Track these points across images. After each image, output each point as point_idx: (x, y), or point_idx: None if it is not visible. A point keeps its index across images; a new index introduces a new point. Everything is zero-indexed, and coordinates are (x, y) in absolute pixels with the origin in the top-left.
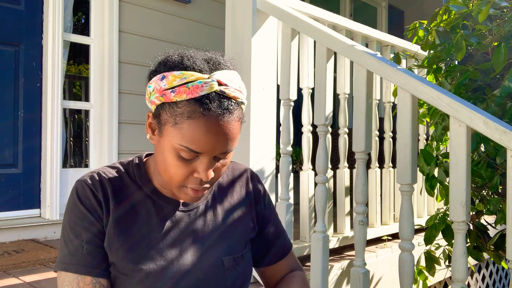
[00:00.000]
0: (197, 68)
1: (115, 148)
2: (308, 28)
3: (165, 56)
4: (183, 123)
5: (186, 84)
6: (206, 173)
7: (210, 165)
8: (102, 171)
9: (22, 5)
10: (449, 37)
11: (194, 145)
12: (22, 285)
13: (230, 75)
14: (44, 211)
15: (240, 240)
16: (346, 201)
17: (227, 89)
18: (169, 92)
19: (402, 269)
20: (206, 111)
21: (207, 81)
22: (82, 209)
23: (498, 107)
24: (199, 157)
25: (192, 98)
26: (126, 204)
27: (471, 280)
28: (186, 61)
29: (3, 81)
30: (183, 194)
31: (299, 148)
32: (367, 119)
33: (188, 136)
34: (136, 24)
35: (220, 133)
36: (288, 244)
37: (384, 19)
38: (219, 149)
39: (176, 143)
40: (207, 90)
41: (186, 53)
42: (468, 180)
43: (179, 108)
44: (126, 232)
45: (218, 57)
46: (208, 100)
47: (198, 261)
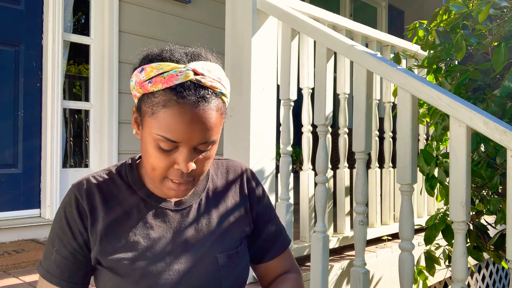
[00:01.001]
0: (174, 59)
1: (115, 148)
2: (308, 28)
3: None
4: (159, 112)
5: (162, 74)
6: (185, 164)
7: (190, 156)
8: (93, 176)
9: (22, 5)
10: (449, 37)
11: (170, 133)
12: (22, 285)
13: (209, 65)
14: (44, 211)
15: (234, 237)
16: (346, 201)
17: (203, 79)
18: (147, 83)
19: (402, 269)
20: (180, 99)
21: (182, 70)
22: (62, 219)
23: (498, 107)
24: (179, 148)
25: (168, 87)
26: (117, 208)
27: (471, 280)
28: (164, 53)
29: (3, 81)
30: (166, 188)
31: (299, 148)
32: (367, 119)
33: (164, 125)
34: (136, 24)
35: (195, 121)
36: (284, 241)
37: (384, 19)
38: (196, 138)
39: (154, 133)
40: (182, 79)
41: (167, 47)
42: (468, 180)
43: (155, 98)
44: (118, 235)
45: (201, 50)
46: (183, 88)
47: (192, 259)
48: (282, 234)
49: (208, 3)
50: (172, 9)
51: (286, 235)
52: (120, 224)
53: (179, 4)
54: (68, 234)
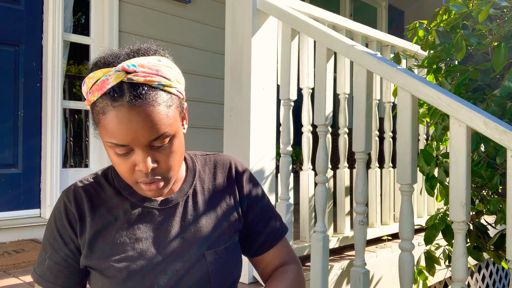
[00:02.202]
0: (107, 63)
1: None
2: (308, 28)
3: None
4: (101, 120)
5: (96, 82)
6: (144, 164)
7: (145, 154)
8: (80, 181)
9: (22, 5)
10: (449, 37)
11: (115, 138)
12: (22, 285)
13: (143, 60)
14: (44, 211)
15: (223, 233)
16: (346, 201)
17: (135, 76)
18: (88, 94)
19: (402, 269)
20: (114, 102)
21: (111, 73)
22: (53, 225)
23: (498, 107)
24: (134, 149)
25: (103, 93)
26: (104, 211)
27: (471, 280)
28: (99, 60)
29: (3, 81)
30: (142, 191)
31: (299, 148)
32: (367, 119)
33: (107, 131)
34: (136, 24)
35: (134, 120)
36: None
37: (384, 19)
38: (143, 136)
39: (105, 141)
40: (114, 81)
41: (104, 52)
42: (468, 180)
43: (97, 107)
44: (106, 238)
45: (141, 46)
46: (115, 91)
47: (179, 258)
48: (277, 222)
49: (208, 3)
50: (172, 9)
51: (281, 224)
52: (107, 227)
53: (179, 4)
54: (59, 240)
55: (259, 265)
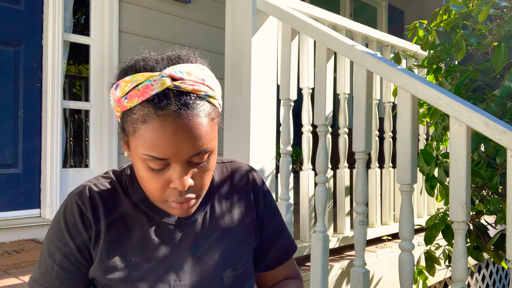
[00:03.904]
0: (149, 67)
1: (115, 148)
2: (308, 28)
3: (122, 64)
4: (140, 130)
5: (136, 86)
6: (181, 181)
7: (184, 171)
8: (94, 184)
9: (22, 5)
10: (449, 37)
11: (156, 151)
12: (22, 285)
13: (189, 67)
14: (44, 211)
15: (242, 253)
16: (346, 201)
17: (182, 83)
18: (123, 99)
19: (402, 269)
20: (159, 110)
21: (157, 78)
22: (63, 229)
23: (498, 107)
24: (170, 164)
25: (144, 100)
26: (119, 222)
27: (471, 280)
28: (137, 63)
29: (3, 81)
30: (170, 209)
31: (299, 148)
32: (367, 119)
33: (147, 142)
34: (136, 24)
35: (180, 132)
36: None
37: (384, 19)
38: (186, 151)
39: (140, 153)
40: (159, 88)
41: (140, 55)
42: (468, 180)
43: (134, 114)
44: (120, 252)
45: (181, 52)
46: (160, 98)
47: (196, 280)
48: (288, 239)
49: (208, 3)
50: (172, 9)
51: (291, 241)
52: (121, 240)
53: (179, 4)
54: (72, 246)
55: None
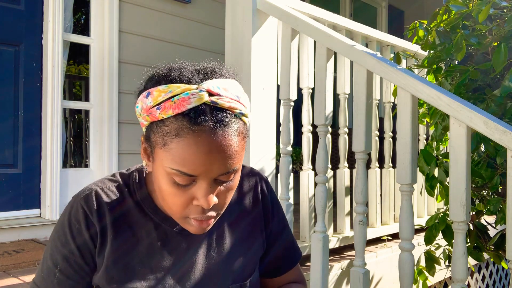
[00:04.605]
0: (185, 79)
1: (115, 148)
2: (308, 28)
3: (153, 70)
4: (171, 143)
5: (171, 98)
6: (206, 199)
7: (210, 189)
8: (101, 188)
9: (22, 5)
10: (449, 37)
11: (186, 167)
12: (22, 285)
13: (225, 83)
14: (44, 211)
15: (249, 264)
16: (346, 201)
17: (220, 99)
18: (155, 109)
19: (402, 269)
20: (195, 126)
21: (195, 92)
22: (67, 233)
23: (498, 107)
24: (196, 181)
25: (179, 113)
26: (126, 229)
27: (471, 280)
28: (173, 73)
29: (3, 81)
30: (188, 226)
31: (299, 148)
32: (367, 119)
33: (178, 157)
34: (136, 24)
35: (214, 150)
36: (296, 255)
37: (384, 19)
38: (217, 169)
39: (168, 167)
40: (196, 102)
41: (175, 64)
42: (468, 180)
43: (166, 126)
44: (124, 260)
45: (214, 65)
46: (197, 113)
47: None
48: (295, 246)
49: (208, 3)
50: (172, 9)
51: (297, 249)
52: (128, 248)
53: (179, 4)
54: (76, 252)
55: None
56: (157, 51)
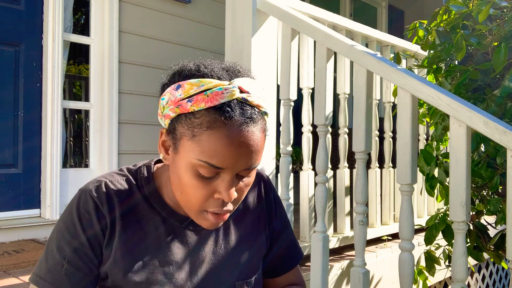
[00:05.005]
0: (215, 76)
1: (115, 148)
2: (308, 28)
3: (180, 66)
4: (202, 135)
5: (204, 91)
6: (228, 193)
7: (233, 183)
8: (110, 180)
9: (22, 5)
10: (449, 37)
11: (215, 159)
12: (22, 285)
13: (251, 83)
14: (44, 211)
15: (254, 262)
16: (346, 201)
17: (249, 97)
18: (186, 101)
19: (402, 269)
20: (227, 120)
21: (228, 87)
22: (77, 225)
23: (498, 107)
24: (220, 174)
25: (212, 106)
26: (134, 222)
27: (471, 280)
28: (203, 69)
29: (3, 81)
30: (203, 220)
31: (299, 148)
32: (367, 119)
33: (208, 149)
34: (136, 24)
35: (243, 144)
36: (298, 256)
37: (384, 19)
38: (243, 163)
39: (195, 158)
40: (228, 97)
41: (202, 61)
42: (468, 180)
43: (197, 118)
44: (132, 253)
45: (238, 66)
46: (229, 108)
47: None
48: (296, 248)
49: (208, 3)
50: (172, 9)
51: (299, 249)
52: (136, 241)
53: (179, 4)
54: (85, 244)
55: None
56: (157, 51)
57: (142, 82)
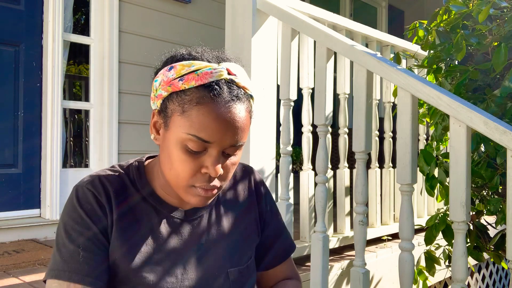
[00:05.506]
0: (206, 59)
1: (115, 148)
2: (308, 28)
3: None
4: (191, 110)
5: (195, 71)
6: (214, 168)
7: (219, 159)
8: (102, 175)
9: (22, 5)
10: (449, 37)
11: (203, 132)
12: (22, 285)
13: (239, 68)
14: (44, 211)
15: (246, 250)
16: (346, 201)
17: (236, 78)
18: (177, 81)
19: (402, 269)
20: (216, 96)
21: (217, 67)
22: (82, 214)
23: (498, 107)
24: (208, 149)
25: (202, 84)
26: (128, 214)
27: (471, 280)
28: (194, 53)
29: (3, 81)
30: (191, 197)
31: (299, 148)
32: (367, 119)
33: (197, 123)
34: (136, 24)
35: (230, 120)
36: (289, 247)
37: (384, 19)
38: (229, 139)
39: (184, 132)
40: (217, 77)
41: (194, 48)
42: (468, 180)
43: (187, 95)
44: (128, 243)
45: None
46: (218, 86)
47: (202, 274)
48: (288, 238)
49: (208, 3)
50: (172, 9)
51: (291, 240)
52: (131, 230)
53: (179, 4)
54: (93, 228)
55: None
56: (157, 51)
57: (142, 82)
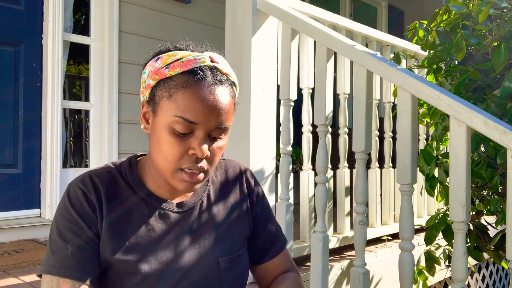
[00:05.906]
0: (190, 50)
1: (115, 148)
2: (308, 28)
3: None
4: (177, 93)
5: (180, 59)
6: (201, 148)
7: (205, 141)
8: (94, 173)
9: (22, 5)
10: (449, 37)
11: (189, 113)
12: (22, 285)
13: (221, 58)
14: (44, 211)
15: (236, 240)
16: (346, 201)
17: (219, 65)
18: (164, 69)
19: (402, 269)
20: (200, 80)
21: (199, 55)
22: (72, 212)
23: (498, 108)
24: (194, 132)
25: (186, 70)
26: (119, 207)
27: (471, 280)
28: (179, 46)
29: (3, 81)
30: (178, 182)
31: (299, 148)
32: (367, 119)
33: (182, 105)
34: (136, 24)
35: (214, 102)
36: (282, 241)
37: (384, 19)
38: (213, 120)
39: (171, 115)
40: (200, 63)
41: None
42: (468, 180)
43: (173, 81)
44: (119, 236)
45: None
46: (201, 71)
47: (194, 264)
48: (280, 233)
49: (208, 3)
50: (172, 9)
51: (282, 235)
52: (121, 224)
53: (179, 4)
54: (82, 225)
55: (260, 273)
56: None
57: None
